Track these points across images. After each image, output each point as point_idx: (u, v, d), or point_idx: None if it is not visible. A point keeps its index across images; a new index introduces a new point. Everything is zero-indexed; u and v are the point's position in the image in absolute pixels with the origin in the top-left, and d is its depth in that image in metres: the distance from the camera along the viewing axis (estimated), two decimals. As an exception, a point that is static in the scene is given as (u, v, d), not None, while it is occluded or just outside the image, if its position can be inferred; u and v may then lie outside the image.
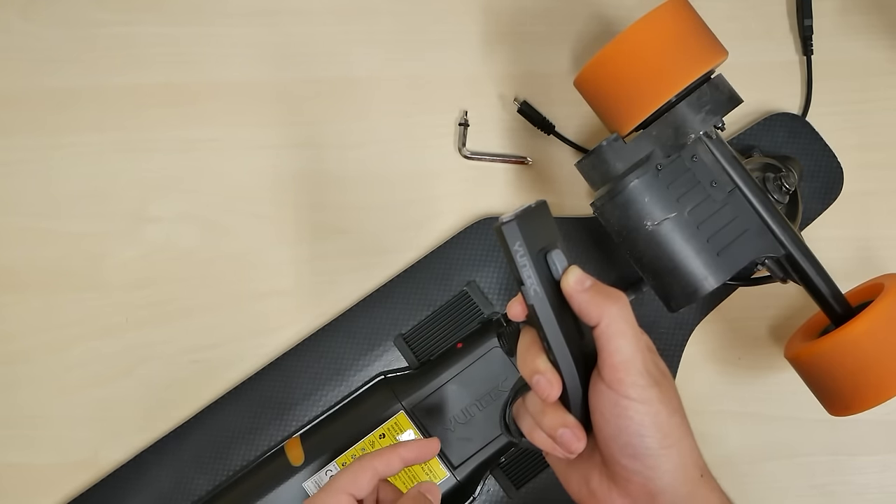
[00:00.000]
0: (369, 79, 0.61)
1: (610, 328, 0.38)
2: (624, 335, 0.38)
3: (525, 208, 0.38)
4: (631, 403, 0.38)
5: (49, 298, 0.59)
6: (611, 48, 0.49)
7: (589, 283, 0.39)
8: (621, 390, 0.38)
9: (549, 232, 0.39)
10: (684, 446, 0.40)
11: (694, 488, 0.39)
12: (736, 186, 0.49)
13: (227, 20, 0.61)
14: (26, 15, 0.61)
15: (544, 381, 0.39)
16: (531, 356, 0.40)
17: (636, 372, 0.38)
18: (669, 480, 0.39)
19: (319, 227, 0.60)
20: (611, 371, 0.38)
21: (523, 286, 0.38)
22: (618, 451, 0.39)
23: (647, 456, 0.38)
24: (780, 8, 0.63)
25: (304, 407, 0.57)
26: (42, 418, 0.58)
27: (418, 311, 0.58)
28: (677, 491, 0.39)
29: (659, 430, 0.38)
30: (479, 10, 0.62)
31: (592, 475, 0.41)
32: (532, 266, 0.37)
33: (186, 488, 0.56)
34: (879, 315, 0.48)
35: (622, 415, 0.38)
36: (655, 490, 0.39)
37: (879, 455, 0.59)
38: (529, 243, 0.37)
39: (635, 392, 0.38)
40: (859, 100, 0.62)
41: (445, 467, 0.54)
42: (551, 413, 0.40)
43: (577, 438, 0.39)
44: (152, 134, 0.60)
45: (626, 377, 0.38)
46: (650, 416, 0.38)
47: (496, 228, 0.37)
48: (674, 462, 0.39)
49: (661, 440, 0.38)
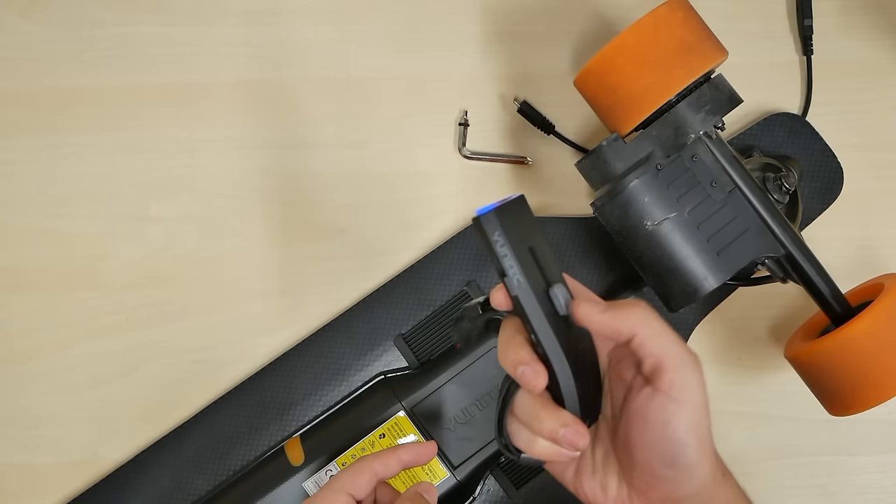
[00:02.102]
0: (369, 79, 0.61)
1: (646, 330, 0.37)
2: (665, 333, 0.37)
3: (503, 200, 0.37)
4: (679, 407, 0.37)
5: (49, 298, 0.59)
6: (611, 48, 0.49)
7: (603, 306, 0.38)
8: (672, 392, 0.37)
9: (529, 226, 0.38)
10: (714, 453, 0.39)
11: (717, 489, 0.39)
12: (736, 186, 0.49)
13: (227, 20, 0.61)
14: (26, 15, 0.61)
15: (530, 371, 0.37)
16: (513, 348, 0.38)
17: (688, 370, 0.37)
18: (697, 486, 0.38)
19: (319, 227, 0.60)
20: (661, 372, 0.37)
21: (506, 277, 0.37)
22: (656, 459, 0.37)
23: (684, 465, 0.37)
24: (779, 8, 0.63)
25: (304, 407, 0.57)
26: (42, 418, 0.58)
27: (418, 311, 0.58)
28: (701, 494, 0.38)
29: (699, 437, 0.37)
30: (478, 10, 0.62)
31: (609, 483, 0.40)
32: (514, 256, 0.36)
33: (186, 488, 0.56)
34: (879, 315, 0.48)
35: (668, 420, 0.37)
36: (681, 495, 0.38)
37: (879, 455, 0.59)
38: (509, 234, 0.36)
39: (686, 394, 0.37)
40: (859, 100, 0.62)
41: (445, 467, 0.54)
42: (546, 415, 0.38)
43: (580, 435, 0.37)
44: (153, 134, 0.60)
45: (677, 377, 0.37)
46: (694, 423, 0.37)
47: (474, 220, 0.36)
48: (706, 470, 0.38)
49: (700, 448, 0.37)
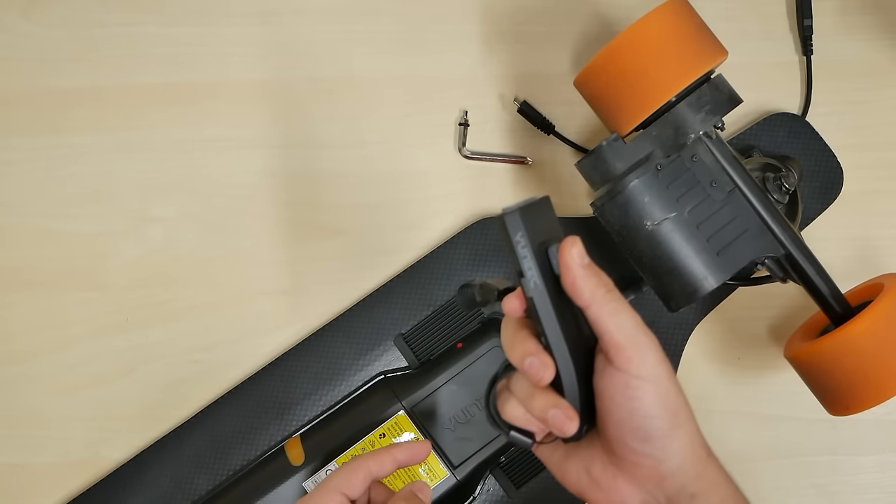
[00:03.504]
0: (370, 79, 0.61)
1: (605, 307, 0.37)
2: (623, 312, 0.38)
3: (529, 201, 0.37)
4: (642, 383, 0.37)
5: (49, 298, 0.59)
6: (611, 48, 0.49)
7: (587, 261, 0.38)
8: (631, 369, 0.37)
9: (552, 227, 0.39)
10: (692, 427, 0.39)
11: (702, 468, 0.39)
12: (736, 186, 0.49)
13: (229, 20, 0.61)
14: (27, 15, 0.61)
15: (537, 363, 0.38)
16: (521, 339, 0.39)
17: (645, 348, 0.37)
18: (679, 462, 0.38)
19: (320, 227, 0.60)
20: (616, 350, 0.37)
21: (523, 278, 0.37)
22: (629, 435, 0.38)
23: (658, 437, 0.38)
24: (779, 8, 0.63)
25: (304, 407, 0.57)
26: (42, 418, 0.58)
27: (418, 311, 0.58)
28: (687, 472, 0.38)
29: (668, 410, 0.38)
30: (478, 10, 0.62)
31: (594, 464, 0.40)
32: (533, 258, 0.37)
33: (186, 488, 0.56)
34: (879, 315, 0.48)
35: (633, 396, 0.37)
36: (665, 472, 0.38)
37: (879, 455, 0.59)
38: (531, 235, 0.37)
39: (645, 370, 0.37)
40: (859, 100, 0.62)
41: (445, 467, 0.54)
42: (541, 396, 0.39)
43: (568, 418, 0.38)
44: (153, 134, 0.60)
45: (635, 354, 0.37)
46: (660, 396, 0.38)
47: (498, 217, 0.37)
48: (683, 442, 0.38)
49: (671, 420, 0.38)
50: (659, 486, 0.39)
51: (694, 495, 0.38)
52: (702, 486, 0.39)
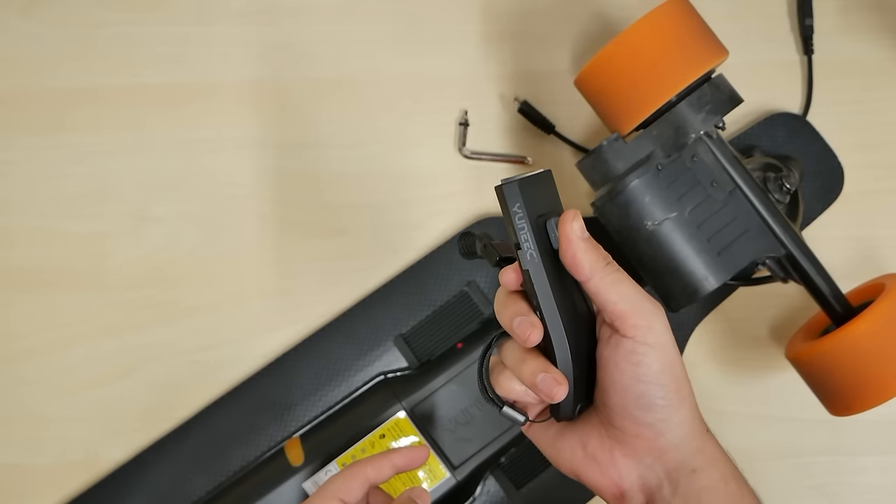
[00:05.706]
0: (369, 78, 0.61)
1: (606, 278, 0.37)
2: (624, 281, 0.38)
3: (530, 174, 0.37)
4: (649, 349, 0.37)
5: (49, 298, 0.59)
6: (611, 48, 0.49)
7: (587, 235, 0.38)
8: (638, 336, 0.37)
9: (552, 201, 0.38)
10: (693, 402, 0.39)
11: (702, 443, 0.39)
12: (736, 186, 0.49)
13: (228, 20, 0.61)
14: (27, 15, 0.61)
15: (526, 322, 0.37)
16: (512, 301, 0.38)
17: (651, 315, 0.37)
18: (680, 434, 0.38)
19: (319, 227, 0.60)
20: (622, 319, 0.37)
21: (520, 250, 0.37)
22: (632, 403, 0.38)
23: (662, 407, 0.38)
24: (780, 7, 0.63)
25: (304, 407, 0.57)
26: (42, 418, 0.58)
27: (418, 311, 0.58)
28: (688, 445, 0.38)
29: (675, 379, 0.38)
30: (478, 10, 0.62)
31: (590, 439, 0.40)
32: (530, 230, 0.37)
33: (186, 488, 0.56)
34: (880, 315, 0.48)
35: (640, 362, 0.37)
36: (665, 446, 0.38)
37: (880, 455, 0.59)
38: (530, 207, 0.36)
39: (652, 336, 0.37)
40: (860, 99, 0.62)
41: (445, 467, 0.54)
42: (532, 360, 0.38)
43: (557, 383, 0.37)
44: (153, 134, 0.60)
45: (641, 321, 0.37)
46: (667, 364, 0.37)
47: (497, 188, 0.37)
48: (685, 415, 0.38)
49: (677, 391, 0.38)
50: (659, 459, 0.38)
51: (694, 470, 0.38)
52: (702, 461, 0.38)
